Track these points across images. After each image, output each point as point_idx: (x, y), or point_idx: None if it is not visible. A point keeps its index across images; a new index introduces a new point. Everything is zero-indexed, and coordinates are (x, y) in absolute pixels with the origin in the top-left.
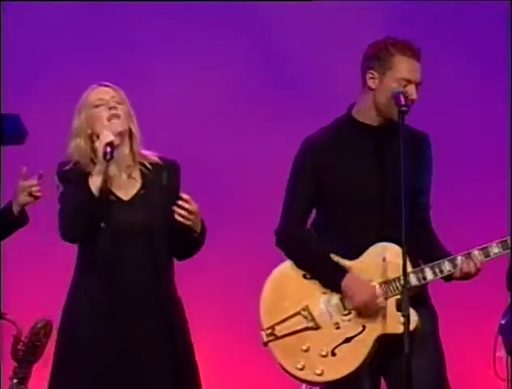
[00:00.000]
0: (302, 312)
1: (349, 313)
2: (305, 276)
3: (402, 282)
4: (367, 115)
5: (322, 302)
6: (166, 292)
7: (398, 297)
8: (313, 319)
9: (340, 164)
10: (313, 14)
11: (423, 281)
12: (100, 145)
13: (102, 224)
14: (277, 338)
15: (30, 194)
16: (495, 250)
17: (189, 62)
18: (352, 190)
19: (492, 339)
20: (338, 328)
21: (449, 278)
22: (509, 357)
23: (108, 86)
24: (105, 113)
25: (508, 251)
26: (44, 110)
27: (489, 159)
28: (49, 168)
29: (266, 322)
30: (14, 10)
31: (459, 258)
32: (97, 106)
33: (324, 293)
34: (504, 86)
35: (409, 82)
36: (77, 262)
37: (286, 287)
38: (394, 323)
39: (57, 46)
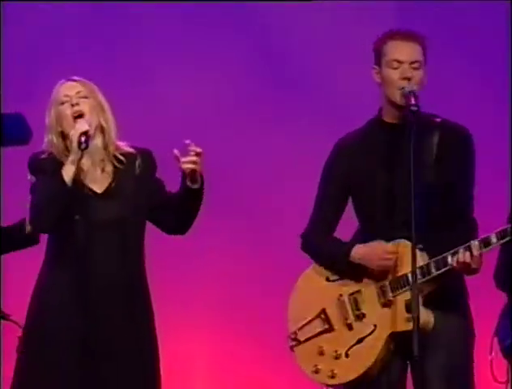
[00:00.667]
0: (320, 315)
1: (361, 313)
2: (327, 279)
3: (409, 280)
4: (388, 113)
5: (337, 303)
6: (136, 281)
7: (409, 296)
8: (328, 322)
9: (367, 166)
10: (313, 14)
11: (428, 276)
12: (74, 134)
13: (77, 217)
14: (300, 343)
15: None
16: (494, 239)
17: (190, 62)
18: (380, 191)
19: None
20: (351, 329)
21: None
22: (509, 362)
23: (74, 80)
24: (69, 111)
25: (508, 238)
26: (44, 110)
27: (489, 159)
28: None
29: (290, 328)
30: (14, 10)
31: (460, 250)
32: (62, 103)
33: (340, 295)
34: (504, 86)
35: (400, 62)
36: (47, 254)
37: (309, 292)
38: (404, 321)
39: (57, 46)
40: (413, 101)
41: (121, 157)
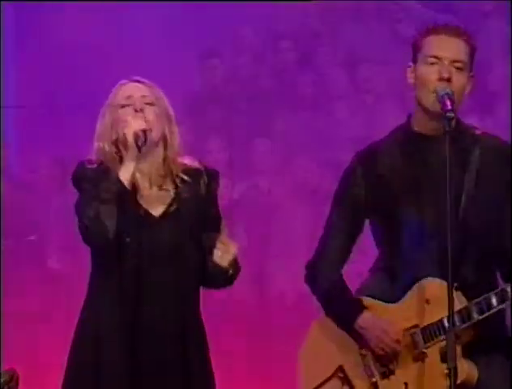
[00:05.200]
0: (338, 374)
1: (388, 370)
2: None
3: (446, 327)
4: (418, 121)
5: (357, 359)
6: (189, 322)
7: (443, 345)
8: (348, 382)
9: (390, 187)
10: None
11: (468, 322)
12: (129, 131)
13: (127, 239)
14: None
15: None
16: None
17: (189, 61)
18: (403, 220)
19: None
20: None
21: None
22: None
23: (139, 81)
24: (131, 117)
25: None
26: (45, 110)
27: None
28: (50, 170)
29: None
30: (14, 10)
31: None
32: (123, 106)
33: (361, 348)
34: (504, 86)
35: (439, 59)
36: (92, 279)
37: (323, 344)
38: (441, 377)
39: (58, 46)
40: (449, 106)
41: (186, 177)
